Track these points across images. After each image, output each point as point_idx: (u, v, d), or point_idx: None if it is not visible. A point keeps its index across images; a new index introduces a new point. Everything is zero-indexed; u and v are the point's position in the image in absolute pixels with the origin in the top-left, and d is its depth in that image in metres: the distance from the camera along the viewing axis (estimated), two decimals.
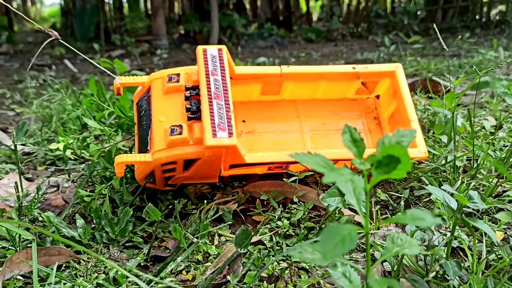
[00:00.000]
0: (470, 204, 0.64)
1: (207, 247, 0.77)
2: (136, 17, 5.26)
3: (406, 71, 2.24)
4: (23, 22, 7.16)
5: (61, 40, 0.92)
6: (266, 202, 0.91)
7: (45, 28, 0.93)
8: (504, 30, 4.27)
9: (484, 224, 0.63)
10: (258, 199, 0.91)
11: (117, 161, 0.80)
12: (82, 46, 4.16)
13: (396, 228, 0.82)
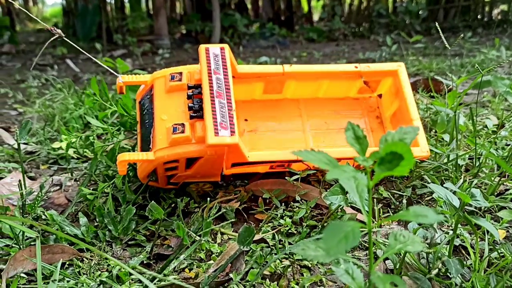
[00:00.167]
0: (473, 202, 0.64)
1: (210, 245, 0.77)
2: (138, 17, 5.27)
3: (408, 71, 2.24)
4: (25, 22, 7.18)
5: (65, 38, 0.92)
6: (268, 201, 0.91)
7: (48, 26, 0.93)
8: (506, 30, 4.27)
9: (486, 222, 0.63)
10: (260, 198, 0.91)
11: (119, 159, 0.80)
12: (84, 46, 4.16)
13: (398, 226, 0.83)
